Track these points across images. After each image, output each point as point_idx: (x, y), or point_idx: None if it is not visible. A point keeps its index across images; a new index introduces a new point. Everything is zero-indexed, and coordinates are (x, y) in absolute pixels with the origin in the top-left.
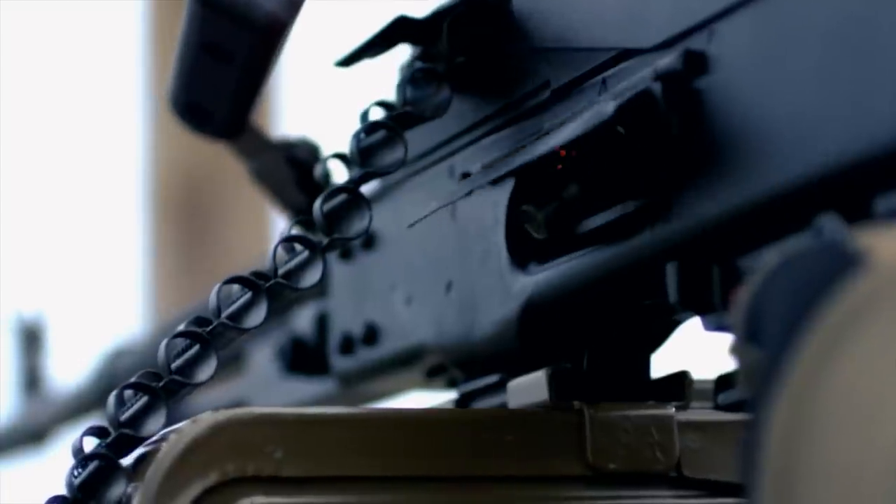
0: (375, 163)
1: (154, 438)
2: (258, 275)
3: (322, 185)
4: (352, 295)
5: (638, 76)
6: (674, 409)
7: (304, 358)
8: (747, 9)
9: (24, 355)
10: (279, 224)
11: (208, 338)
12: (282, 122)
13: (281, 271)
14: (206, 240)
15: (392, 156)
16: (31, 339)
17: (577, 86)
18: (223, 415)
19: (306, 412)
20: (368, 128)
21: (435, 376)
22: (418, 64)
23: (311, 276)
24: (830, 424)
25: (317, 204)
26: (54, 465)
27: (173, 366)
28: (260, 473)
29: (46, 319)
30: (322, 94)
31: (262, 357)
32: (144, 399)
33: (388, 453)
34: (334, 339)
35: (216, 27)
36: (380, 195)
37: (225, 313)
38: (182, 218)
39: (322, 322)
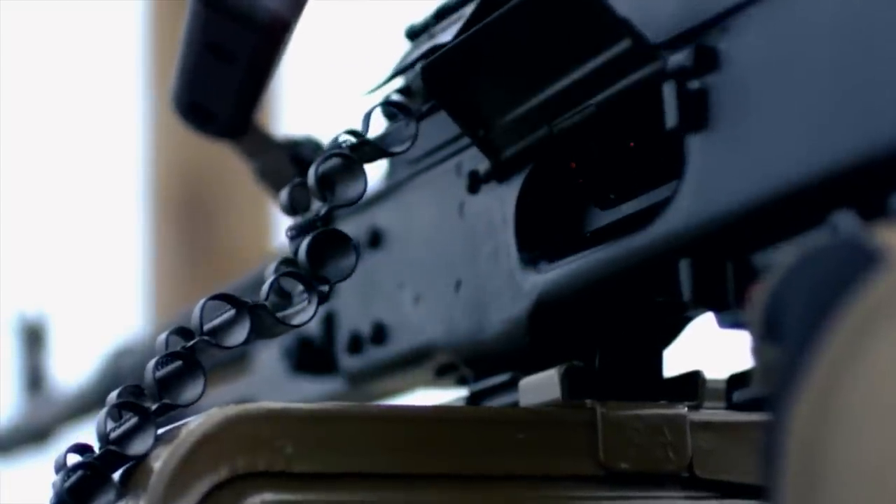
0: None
1: (161, 434)
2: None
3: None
4: (359, 294)
5: (648, 71)
6: (686, 409)
7: (311, 357)
8: (759, 5)
9: (26, 355)
10: (281, 223)
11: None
12: (285, 120)
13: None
14: (208, 239)
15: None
16: (33, 339)
17: None
18: (233, 410)
19: (317, 408)
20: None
21: (444, 375)
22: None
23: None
24: (853, 423)
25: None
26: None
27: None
28: (270, 469)
29: (49, 319)
30: (325, 92)
31: (269, 356)
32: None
33: (399, 450)
34: (342, 338)
35: (219, 27)
36: (387, 193)
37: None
38: (183, 217)
39: (329, 321)
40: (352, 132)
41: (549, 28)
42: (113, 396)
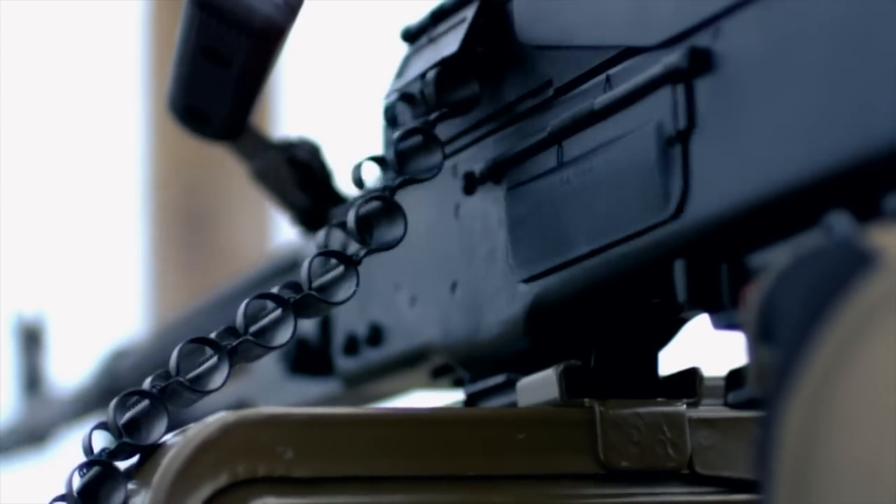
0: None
1: (162, 440)
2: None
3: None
4: (355, 295)
5: (643, 74)
6: (685, 406)
7: (307, 358)
8: (753, 6)
9: (24, 356)
10: (279, 225)
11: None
12: (281, 121)
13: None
14: (207, 240)
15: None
16: (31, 340)
17: (580, 84)
18: (233, 416)
19: (317, 412)
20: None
21: (441, 376)
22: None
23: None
24: (846, 423)
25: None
26: (55, 465)
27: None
28: (271, 474)
29: (47, 320)
30: (322, 93)
31: (266, 358)
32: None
33: (399, 453)
34: (338, 339)
35: (214, 31)
36: None
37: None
38: (182, 218)
39: (326, 323)
40: (377, 159)
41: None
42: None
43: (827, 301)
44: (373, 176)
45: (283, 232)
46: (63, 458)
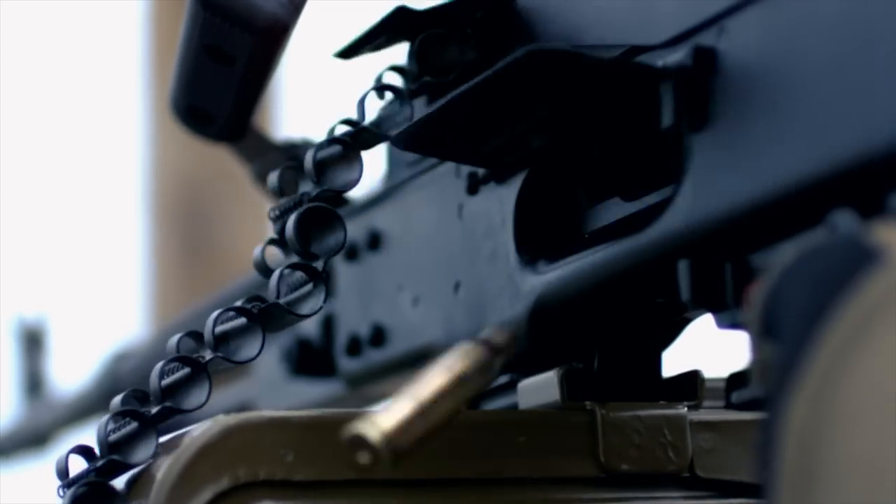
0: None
1: (161, 443)
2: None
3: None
4: (358, 296)
5: (646, 72)
6: (686, 409)
7: (310, 359)
8: (757, 4)
9: (25, 359)
10: None
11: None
12: (283, 123)
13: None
14: (207, 243)
15: (348, 175)
16: (32, 343)
17: None
18: (234, 419)
19: (317, 415)
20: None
21: None
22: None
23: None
24: (850, 422)
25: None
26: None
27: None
28: (271, 477)
29: (48, 323)
30: (323, 94)
31: (268, 358)
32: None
33: None
34: (341, 340)
35: (217, 30)
36: (385, 195)
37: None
38: (183, 221)
39: (328, 323)
40: (347, 121)
41: (530, 87)
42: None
43: (831, 298)
44: None
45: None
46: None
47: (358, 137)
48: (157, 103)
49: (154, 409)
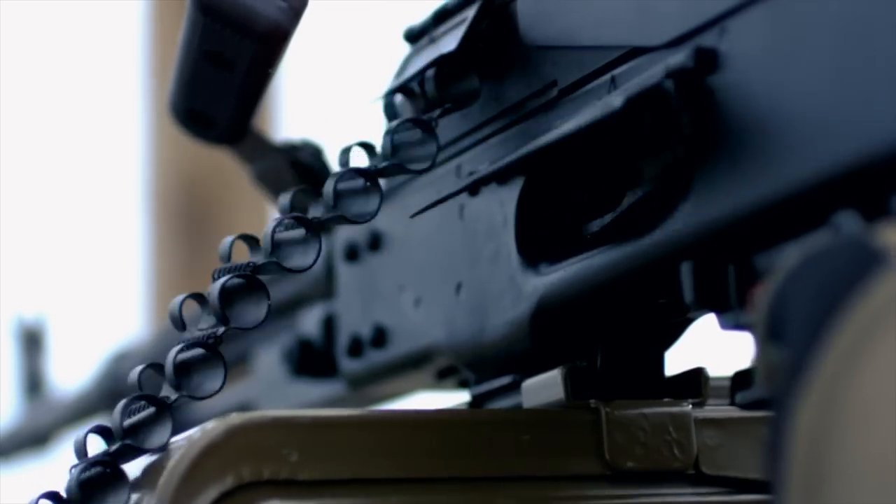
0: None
1: (166, 444)
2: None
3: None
4: (359, 296)
5: (648, 74)
6: (691, 406)
7: (311, 360)
8: (759, 4)
9: (25, 359)
10: None
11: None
12: (283, 123)
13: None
14: (208, 243)
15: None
16: (32, 343)
17: (584, 84)
18: (238, 418)
19: (321, 414)
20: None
21: (445, 378)
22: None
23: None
24: (859, 424)
25: None
26: (56, 468)
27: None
28: (276, 477)
29: (48, 322)
30: (324, 95)
31: (270, 359)
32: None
33: (404, 455)
34: (342, 340)
35: (217, 35)
36: (386, 195)
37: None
38: (183, 221)
39: (329, 324)
40: (365, 145)
41: None
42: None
43: (837, 300)
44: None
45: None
46: (64, 461)
47: (381, 170)
48: (158, 103)
49: (115, 446)
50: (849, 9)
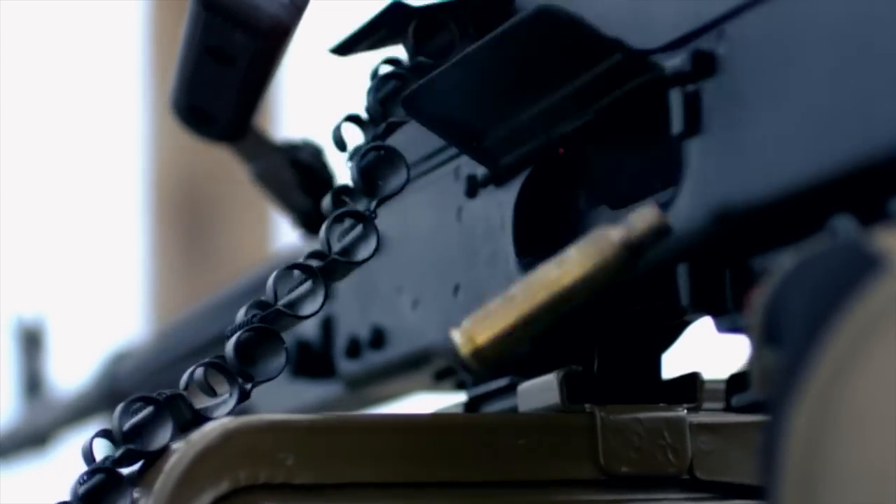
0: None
1: (163, 447)
2: None
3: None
4: (357, 298)
5: (646, 77)
6: (685, 411)
7: (309, 361)
8: (756, 9)
9: (25, 359)
10: (281, 226)
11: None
12: (283, 123)
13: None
14: (208, 242)
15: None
16: (31, 343)
17: None
18: (234, 422)
19: (317, 418)
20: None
21: (443, 379)
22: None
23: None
24: (854, 428)
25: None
26: (56, 468)
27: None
28: (272, 481)
29: (47, 322)
30: (324, 95)
31: None
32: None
33: (400, 459)
34: (340, 342)
35: (219, 31)
36: None
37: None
38: (183, 220)
39: (327, 325)
40: (354, 118)
41: (535, 51)
42: None
43: (833, 305)
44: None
45: (285, 234)
46: (63, 462)
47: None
48: (158, 102)
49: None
50: (846, 12)
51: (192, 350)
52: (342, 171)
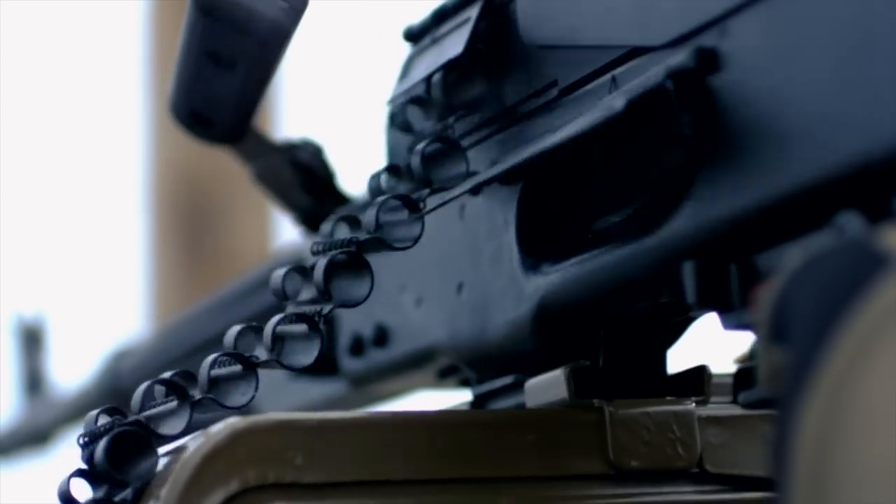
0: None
1: (172, 447)
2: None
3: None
4: None
5: (649, 74)
6: (694, 405)
7: None
8: (760, 4)
9: (25, 357)
10: (281, 225)
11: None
12: (283, 123)
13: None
14: (208, 241)
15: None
16: (32, 341)
17: (585, 84)
18: (242, 422)
19: (325, 417)
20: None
21: (447, 377)
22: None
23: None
24: (864, 424)
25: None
26: (57, 466)
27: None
28: (281, 480)
29: (48, 320)
30: (324, 94)
31: None
32: None
33: (409, 456)
34: (344, 340)
35: (218, 35)
36: None
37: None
38: (184, 218)
39: (331, 323)
40: (394, 169)
41: None
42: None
43: (840, 302)
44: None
45: (285, 232)
46: (64, 460)
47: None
48: (158, 103)
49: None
50: (850, 8)
51: (192, 348)
52: (342, 172)
